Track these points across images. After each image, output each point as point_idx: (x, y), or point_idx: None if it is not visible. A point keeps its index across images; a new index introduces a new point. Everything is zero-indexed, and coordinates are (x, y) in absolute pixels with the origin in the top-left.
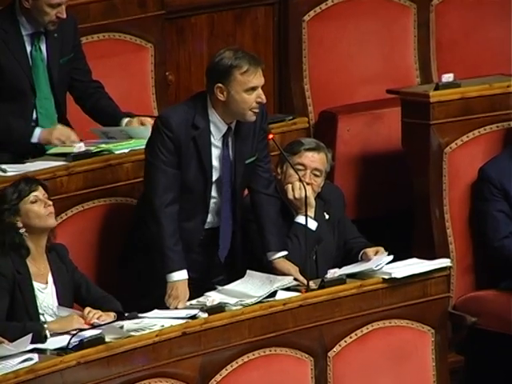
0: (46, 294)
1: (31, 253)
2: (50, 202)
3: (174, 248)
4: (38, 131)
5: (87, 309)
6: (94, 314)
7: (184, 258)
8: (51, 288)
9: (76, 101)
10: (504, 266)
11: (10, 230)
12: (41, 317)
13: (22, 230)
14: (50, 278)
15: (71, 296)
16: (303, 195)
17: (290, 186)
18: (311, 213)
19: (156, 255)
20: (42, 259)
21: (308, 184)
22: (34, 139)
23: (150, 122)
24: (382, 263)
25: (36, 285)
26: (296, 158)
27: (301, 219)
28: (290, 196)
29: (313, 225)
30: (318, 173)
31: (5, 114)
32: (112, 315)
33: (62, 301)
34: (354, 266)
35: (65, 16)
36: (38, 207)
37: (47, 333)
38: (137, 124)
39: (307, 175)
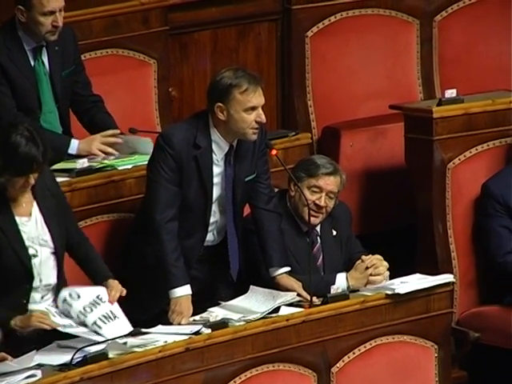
0: (30, 226)
1: (11, 194)
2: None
3: (176, 264)
4: (75, 143)
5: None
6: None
7: (186, 273)
8: (35, 218)
9: (73, 113)
10: (507, 281)
11: None
12: (29, 249)
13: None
14: (35, 208)
15: (63, 223)
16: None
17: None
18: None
19: (156, 271)
20: (25, 194)
21: (323, 207)
22: (72, 151)
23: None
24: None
25: (18, 219)
26: (313, 180)
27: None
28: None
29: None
30: (332, 195)
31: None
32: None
33: (53, 228)
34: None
35: (60, 24)
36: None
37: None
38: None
39: (322, 198)
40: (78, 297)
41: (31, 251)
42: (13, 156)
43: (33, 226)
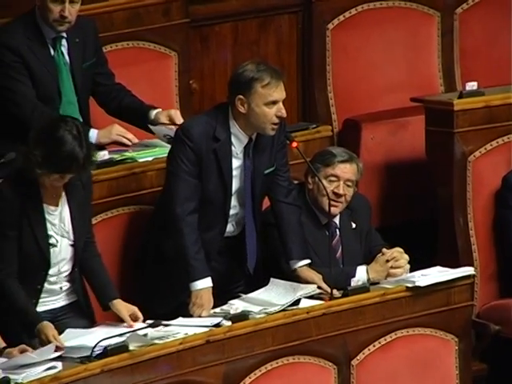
0: (55, 216)
1: (43, 182)
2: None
3: (197, 256)
4: (94, 132)
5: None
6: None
7: (207, 266)
8: (62, 209)
9: (100, 105)
10: None
11: (29, 164)
12: (50, 239)
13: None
14: (64, 199)
15: (86, 216)
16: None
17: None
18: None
19: (175, 264)
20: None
21: (342, 195)
22: (91, 140)
23: (176, 116)
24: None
25: (46, 208)
26: (329, 169)
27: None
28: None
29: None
30: (350, 183)
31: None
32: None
33: (76, 221)
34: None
35: (68, 15)
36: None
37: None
38: (165, 117)
39: (341, 186)
40: None
41: (52, 240)
42: (56, 151)
43: (58, 216)
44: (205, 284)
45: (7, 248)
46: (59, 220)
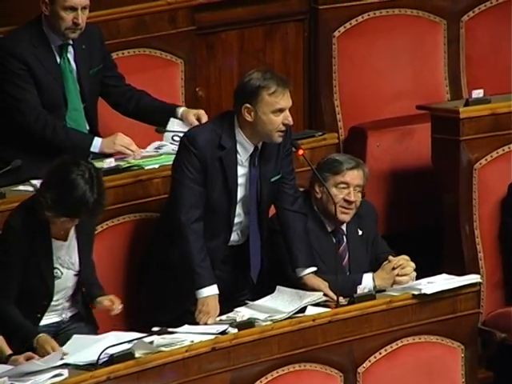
0: (63, 250)
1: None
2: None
3: (202, 264)
4: (98, 141)
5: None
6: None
7: (212, 273)
8: (70, 243)
9: (113, 106)
10: None
11: (39, 205)
12: (55, 271)
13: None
14: (72, 233)
15: (89, 243)
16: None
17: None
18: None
19: (180, 271)
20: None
21: (353, 202)
22: (95, 149)
23: (204, 116)
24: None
25: (54, 243)
26: (339, 177)
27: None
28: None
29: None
30: (358, 189)
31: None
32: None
33: (83, 250)
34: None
35: (81, 22)
36: (65, 224)
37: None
38: (193, 114)
39: (351, 193)
40: None
41: (56, 273)
42: (66, 195)
43: (65, 250)
44: (211, 291)
45: (8, 277)
46: (66, 253)
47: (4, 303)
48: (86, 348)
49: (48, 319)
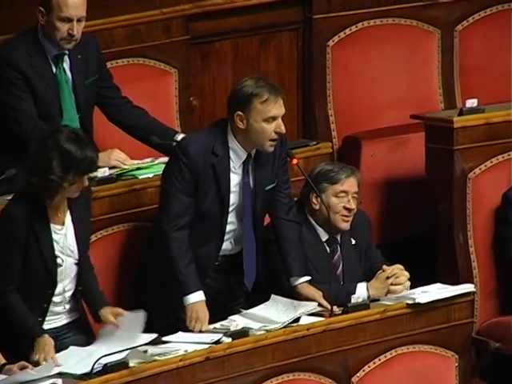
0: (61, 235)
1: (54, 201)
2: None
3: (184, 271)
4: None
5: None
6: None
7: (198, 280)
8: (67, 228)
9: (108, 117)
10: None
11: (51, 184)
12: (57, 260)
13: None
14: (68, 218)
15: (87, 233)
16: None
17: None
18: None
19: (170, 280)
20: (62, 202)
21: (353, 209)
22: None
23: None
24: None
25: (52, 227)
26: (338, 186)
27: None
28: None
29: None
30: (356, 195)
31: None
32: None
33: (80, 239)
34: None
35: (76, 33)
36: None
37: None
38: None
39: (351, 201)
40: None
41: (58, 260)
42: (70, 157)
43: (64, 236)
44: (197, 298)
45: (11, 266)
46: (64, 239)
47: (9, 292)
48: (80, 359)
49: (48, 324)
